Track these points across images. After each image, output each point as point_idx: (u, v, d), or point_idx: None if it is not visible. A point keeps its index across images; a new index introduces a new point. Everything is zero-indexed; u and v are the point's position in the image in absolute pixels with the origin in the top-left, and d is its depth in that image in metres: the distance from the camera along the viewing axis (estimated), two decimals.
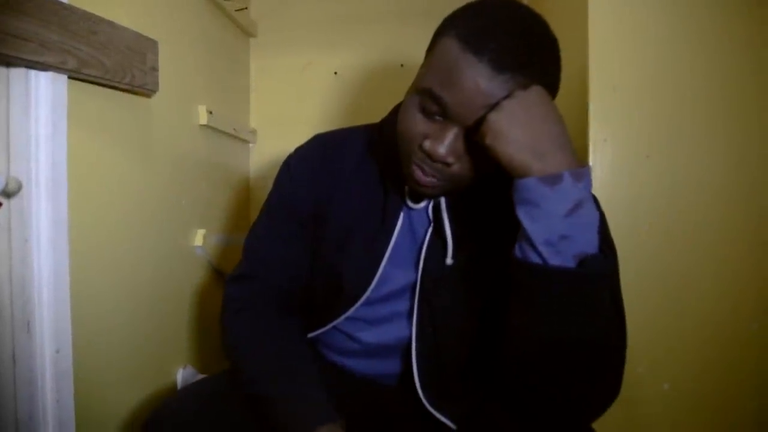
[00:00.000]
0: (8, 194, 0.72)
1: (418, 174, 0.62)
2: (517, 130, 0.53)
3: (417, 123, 0.60)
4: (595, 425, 0.65)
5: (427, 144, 0.59)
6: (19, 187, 0.73)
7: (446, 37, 0.57)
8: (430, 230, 0.71)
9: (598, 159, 0.90)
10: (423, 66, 0.62)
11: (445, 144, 0.58)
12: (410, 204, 0.70)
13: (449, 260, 0.69)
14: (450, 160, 0.59)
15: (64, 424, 0.77)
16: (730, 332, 0.90)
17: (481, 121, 0.55)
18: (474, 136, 0.57)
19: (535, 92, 0.55)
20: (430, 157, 0.59)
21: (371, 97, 1.49)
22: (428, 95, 0.58)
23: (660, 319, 0.90)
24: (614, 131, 0.90)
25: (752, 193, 0.89)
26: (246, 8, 1.47)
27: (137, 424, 0.93)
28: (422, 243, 0.71)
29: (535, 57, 0.56)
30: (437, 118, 0.59)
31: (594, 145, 0.90)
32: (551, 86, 0.59)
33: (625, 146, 0.90)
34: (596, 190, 0.88)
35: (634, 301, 0.86)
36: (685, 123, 0.89)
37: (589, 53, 0.89)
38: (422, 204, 0.70)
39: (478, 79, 0.54)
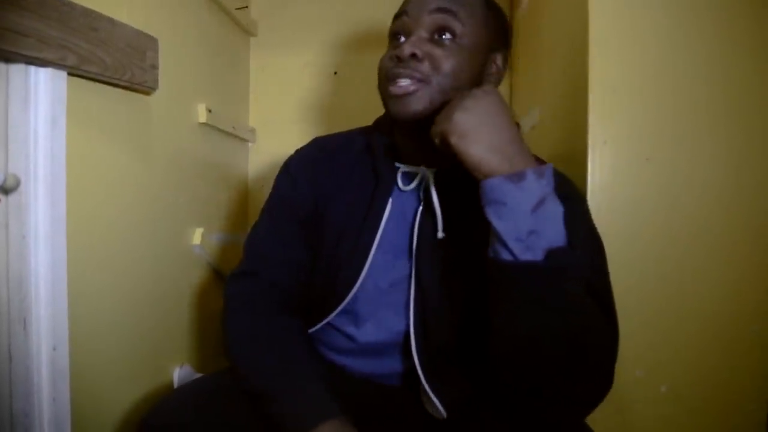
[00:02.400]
0: (6, 190, 0.72)
1: (395, 88, 0.66)
2: (482, 131, 0.56)
3: (388, 51, 0.71)
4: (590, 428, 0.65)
5: (395, 52, 0.67)
6: (17, 183, 0.72)
7: None
8: (420, 209, 0.72)
9: (597, 161, 0.90)
10: None
11: (409, 42, 0.66)
12: (401, 185, 0.72)
13: (440, 234, 0.70)
14: (417, 51, 0.65)
15: (60, 422, 0.76)
16: (730, 334, 0.89)
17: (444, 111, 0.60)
18: (432, 133, 0.60)
19: (495, 95, 0.59)
20: (399, 59, 0.66)
21: (370, 97, 1.47)
22: (394, 19, 0.70)
23: (660, 322, 0.90)
24: (614, 133, 0.90)
25: (754, 196, 0.88)
26: (246, 7, 1.47)
27: (133, 422, 0.93)
28: (413, 224, 0.72)
29: None
30: (401, 39, 0.69)
31: (593, 147, 0.90)
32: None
33: (625, 149, 0.90)
34: (596, 193, 0.89)
35: (634, 304, 0.86)
36: (686, 125, 0.89)
37: (589, 54, 0.89)
38: (413, 185, 0.72)
39: None
